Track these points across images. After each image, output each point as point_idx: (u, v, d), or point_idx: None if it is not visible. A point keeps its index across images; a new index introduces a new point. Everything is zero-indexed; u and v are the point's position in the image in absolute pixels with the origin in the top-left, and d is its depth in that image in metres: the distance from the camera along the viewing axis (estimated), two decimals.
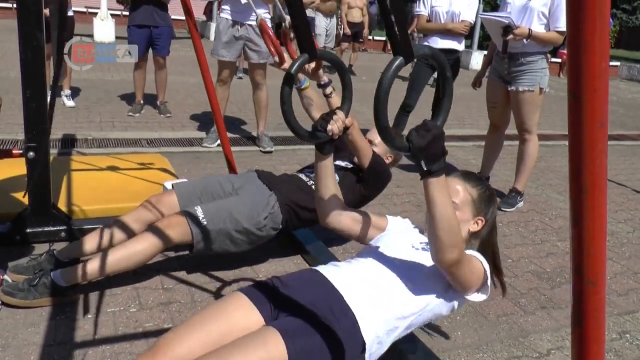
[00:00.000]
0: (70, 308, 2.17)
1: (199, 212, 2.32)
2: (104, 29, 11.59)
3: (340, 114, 1.70)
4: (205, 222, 2.30)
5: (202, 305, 2.32)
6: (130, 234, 2.34)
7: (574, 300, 0.80)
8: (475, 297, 1.69)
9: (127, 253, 2.19)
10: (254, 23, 4.36)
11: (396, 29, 1.19)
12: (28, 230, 2.59)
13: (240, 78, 8.12)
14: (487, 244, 1.80)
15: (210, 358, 1.31)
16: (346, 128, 1.75)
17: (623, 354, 2.32)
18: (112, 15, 12.03)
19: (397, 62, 1.24)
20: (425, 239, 1.75)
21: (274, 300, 1.54)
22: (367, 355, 1.50)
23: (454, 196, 1.65)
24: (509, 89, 3.88)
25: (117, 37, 11.35)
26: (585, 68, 0.60)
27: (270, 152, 4.76)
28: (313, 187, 2.54)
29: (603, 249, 0.74)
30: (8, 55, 8.04)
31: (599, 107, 0.62)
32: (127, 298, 2.30)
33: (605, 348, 2.11)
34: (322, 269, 1.67)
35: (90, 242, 2.32)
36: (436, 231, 1.40)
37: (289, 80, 1.58)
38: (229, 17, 4.54)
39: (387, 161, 2.73)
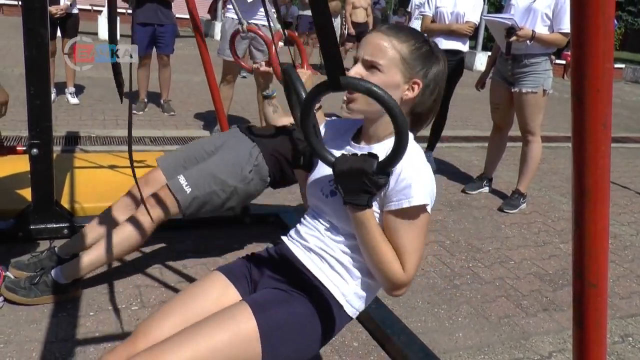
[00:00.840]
0: (72, 305, 2.18)
1: (182, 180, 2.28)
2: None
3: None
4: (189, 189, 2.26)
5: None
6: (123, 219, 2.32)
7: (574, 302, 0.80)
8: None
9: (119, 239, 2.18)
10: (259, 22, 4.36)
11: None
12: (31, 227, 2.60)
13: (244, 77, 8.12)
14: (428, 111, 1.42)
15: (182, 334, 1.27)
16: None
17: (625, 357, 2.31)
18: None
19: (323, 86, 1.11)
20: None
21: (250, 275, 1.50)
22: (349, 311, 1.41)
23: (377, 56, 1.30)
24: (512, 90, 3.88)
25: (121, 35, 11.31)
26: (588, 68, 0.60)
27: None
28: (301, 137, 2.49)
29: (605, 251, 0.74)
30: (13, 52, 8.06)
31: (602, 108, 0.62)
32: (128, 296, 2.31)
33: (608, 351, 2.11)
34: (287, 240, 1.54)
35: (87, 235, 2.33)
36: (368, 263, 1.31)
37: (307, 108, 1.22)
38: (235, 17, 4.54)
39: None
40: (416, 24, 11.60)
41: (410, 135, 1.24)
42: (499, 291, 2.74)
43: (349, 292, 1.41)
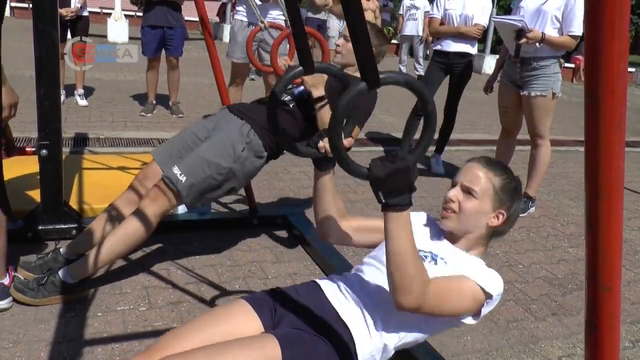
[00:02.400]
0: (80, 306, 2.18)
1: (176, 170, 2.25)
2: (118, 29, 11.67)
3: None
4: (184, 178, 2.23)
5: (211, 306, 2.32)
6: (127, 215, 2.32)
7: (588, 306, 0.79)
8: (466, 320, 1.54)
9: (124, 236, 2.18)
10: (275, 22, 4.36)
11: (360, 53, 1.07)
12: (39, 228, 2.61)
13: (253, 79, 8.14)
14: (503, 233, 1.65)
15: (210, 348, 1.31)
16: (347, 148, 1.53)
17: None
18: (126, 16, 12.13)
19: (359, 87, 1.11)
20: (426, 247, 1.59)
21: (275, 309, 1.53)
22: None
23: (473, 183, 1.51)
24: (521, 93, 3.86)
25: (130, 38, 11.43)
26: (603, 69, 0.59)
27: (282, 153, 4.75)
28: (290, 105, 2.46)
29: (619, 253, 0.73)
30: (23, 55, 8.12)
31: (616, 108, 0.61)
32: (136, 297, 2.31)
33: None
34: (321, 281, 1.62)
35: (92, 234, 2.34)
36: (390, 269, 1.28)
37: (278, 92, 1.48)
38: (244, 19, 4.55)
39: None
40: (409, 25, 11.52)
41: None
42: (507, 295, 2.72)
43: (372, 348, 1.45)
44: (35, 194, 2.65)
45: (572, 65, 15.05)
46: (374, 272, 1.57)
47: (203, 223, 3.06)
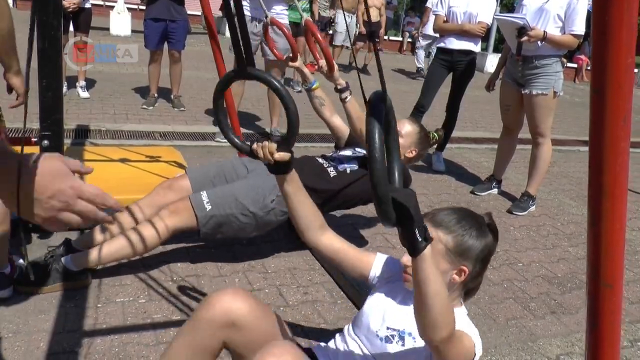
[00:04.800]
0: (80, 296, 2.18)
1: (204, 196, 2.31)
2: (121, 22, 11.64)
3: (270, 146, 1.43)
4: (209, 207, 2.29)
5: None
6: (141, 220, 2.36)
7: (589, 303, 0.79)
8: None
9: (134, 240, 2.21)
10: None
11: None
12: None
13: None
14: (478, 283, 1.54)
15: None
16: (279, 162, 1.46)
17: None
18: (128, 9, 12.08)
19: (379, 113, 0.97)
20: (392, 322, 1.48)
21: None
22: None
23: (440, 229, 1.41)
24: (523, 92, 3.85)
25: (133, 31, 11.40)
26: (610, 63, 0.59)
27: None
28: (329, 171, 2.55)
29: (621, 250, 0.73)
30: (25, 46, 8.11)
31: (623, 103, 0.60)
32: (136, 289, 2.31)
33: None
34: (319, 352, 1.57)
35: (104, 233, 2.34)
36: (426, 310, 1.16)
37: (221, 89, 1.40)
38: (247, 14, 4.54)
39: (409, 155, 2.64)
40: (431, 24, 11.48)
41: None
42: (507, 293, 2.72)
43: None
44: None
45: (575, 65, 15.02)
46: (363, 337, 1.52)
47: None
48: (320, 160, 2.66)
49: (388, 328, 1.47)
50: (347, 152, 2.69)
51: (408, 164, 2.72)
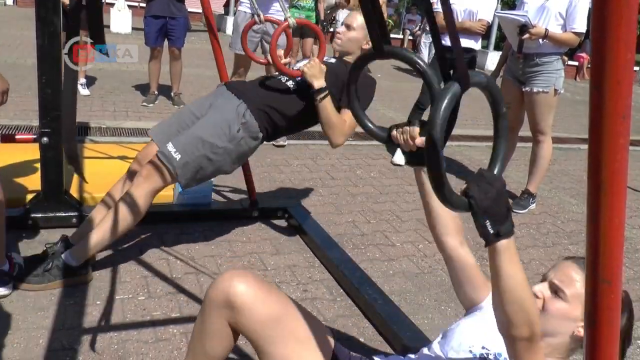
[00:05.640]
0: (79, 294, 2.18)
1: (170, 147, 2.24)
2: (121, 19, 11.63)
3: (411, 130, 1.36)
4: (179, 156, 2.22)
5: None
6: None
7: (587, 300, 0.78)
8: None
9: (120, 215, 2.16)
10: (272, 16, 4.34)
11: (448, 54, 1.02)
12: (40, 215, 2.61)
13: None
14: None
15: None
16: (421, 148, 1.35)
17: None
18: (129, 6, 12.07)
19: (454, 90, 1.01)
20: (490, 344, 1.42)
21: None
22: None
23: (564, 284, 1.34)
24: (524, 89, 3.85)
25: (133, 29, 11.39)
26: (609, 59, 0.58)
27: (283, 146, 4.75)
28: (290, 85, 2.44)
29: (620, 247, 0.72)
30: (25, 43, 8.11)
31: (622, 99, 0.60)
32: (135, 286, 2.31)
33: None
34: None
35: (93, 220, 2.35)
36: (504, 306, 1.14)
37: (356, 71, 1.33)
38: (248, 11, 4.54)
39: (365, 47, 2.51)
40: None
41: None
42: None
43: None
44: (36, 182, 2.64)
45: (576, 63, 15.00)
46: (453, 352, 1.44)
47: (203, 214, 3.06)
48: (278, 75, 2.54)
49: (483, 347, 1.42)
50: (304, 61, 2.52)
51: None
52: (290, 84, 2.45)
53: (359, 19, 2.50)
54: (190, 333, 2.03)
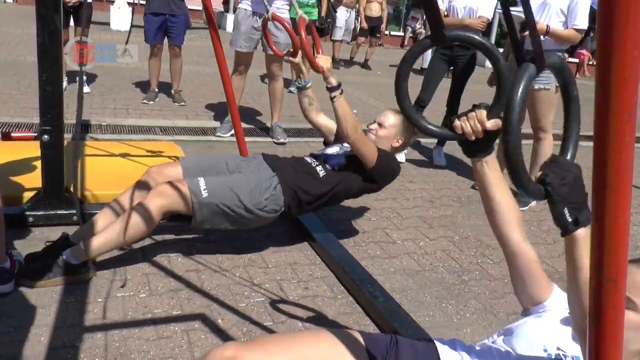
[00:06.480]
0: (80, 291, 2.18)
1: (201, 183, 2.31)
2: (121, 17, 11.61)
3: (478, 113, 1.29)
4: (206, 194, 2.29)
5: (211, 293, 2.32)
6: (133, 205, 2.33)
7: (592, 298, 0.78)
8: None
9: (127, 225, 2.18)
10: (277, 13, 4.32)
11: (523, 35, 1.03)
12: (41, 213, 2.61)
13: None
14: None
15: None
16: (489, 132, 1.29)
17: None
18: (128, 3, 12.05)
19: (530, 71, 1.01)
20: (566, 345, 1.37)
21: (387, 354, 1.41)
22: None
23: (635, 293, 1.16)
24: None
25: (133, 26, 11.36)
26: (615, 56, 0.58)
27: (284, 143, 4.75)
28: (319, 171, 2.57)
29: (625, 245, 0.72)
30: (26, 41, 8.10)
31: (628, 97, 0.59)
32: (137, 283, 2.31)
33: None
34: (443, 349, 1.42)
35: (98, 222, 2.35)
36: (583, 301, 1.08)
37: (406, 65, 1.28)
38: (248, 8, 4.53)
39: (395, 145, 2.73)
40: None
41: None
42: (507, 288, 2.72)
43: None
44: (37, 180, 2.64)
45: (576, 61, 14.98)
46: (524, 348, 1.39)
47: None
48: (309, 159, 2.68)
49: (559, 349, 1.36)
50: (334, 149, 2.73)
51: (395, 152, 2.79)
52: (319, 169, 2.59)
53: (390, 119, 2.71)
54: (192, 330, 2.04)
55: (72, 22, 5.37)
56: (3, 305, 2.03)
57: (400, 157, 4.73)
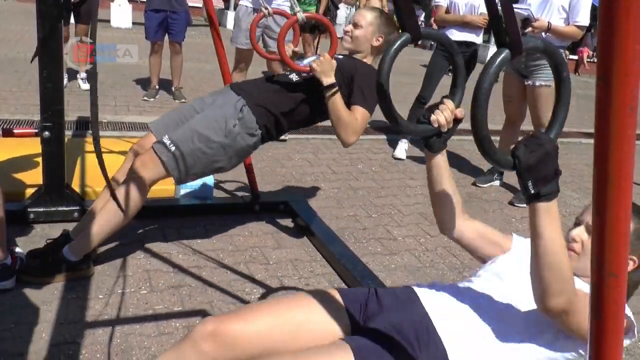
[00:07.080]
0: (81, 287, 2.19)
1: (166, 139, 2.20)
2: (121, 14, 11.60)
3: (448, 104, 1.39)
4: (173, 148, 2.18)
5: (212, 290, 2.32)
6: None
7: (592, 293, 0.78)
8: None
9: (115, 208, 2.12)
10: (279, 9, 4.32)
11: (502, 19, 1.02)
12: (42, 210, 2.61)
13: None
14: (635, 286, 1.47)
15: (275, 358, 1.25)
16: (457, 121, 1.40)
17: (635, 353, 2.30)
18: (129, 1, 12.04)
19: (503, 55, 1.03)
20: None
21: (366, 305, 1.44)
22: None
23: None
24: (526, 83, 3.84)
25: (134, 23, 11.35)
26: (617, 51, 0.58)
27: (285, 140, 4.75)
28: (294, 79, 2.41)
29: (626, 240, 0.72)
30: (26, 38, 8.09)
31: (630, 91, 0.60)
32: (138, 280, 2.31)
33: None
34: (421, 291, 1.47)
35: (90, 215, 2.33)
36: (540, 270, 1.15)
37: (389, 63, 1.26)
38: (249, 5, 4.52)
39: (375, 44, 2.50)
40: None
41: None
42: None
43: None
44: (38, 176, 2.64)
45: (576, 57, 14.97)
46: (496, 287, 1.43)
47: (205, 208, 3.06)
48: (287, 74, 2.50)
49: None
50: (307, 60, 2.49)
51: (378, 55, 2.52)
52: (294, 77, 2.42)
53: (367, 16, 2.48)
54: (193, 326, 2.04)
55: (72, 19, 5.37)
56: (4, 302, 2.04)
57: (401, 154, 4.72)
